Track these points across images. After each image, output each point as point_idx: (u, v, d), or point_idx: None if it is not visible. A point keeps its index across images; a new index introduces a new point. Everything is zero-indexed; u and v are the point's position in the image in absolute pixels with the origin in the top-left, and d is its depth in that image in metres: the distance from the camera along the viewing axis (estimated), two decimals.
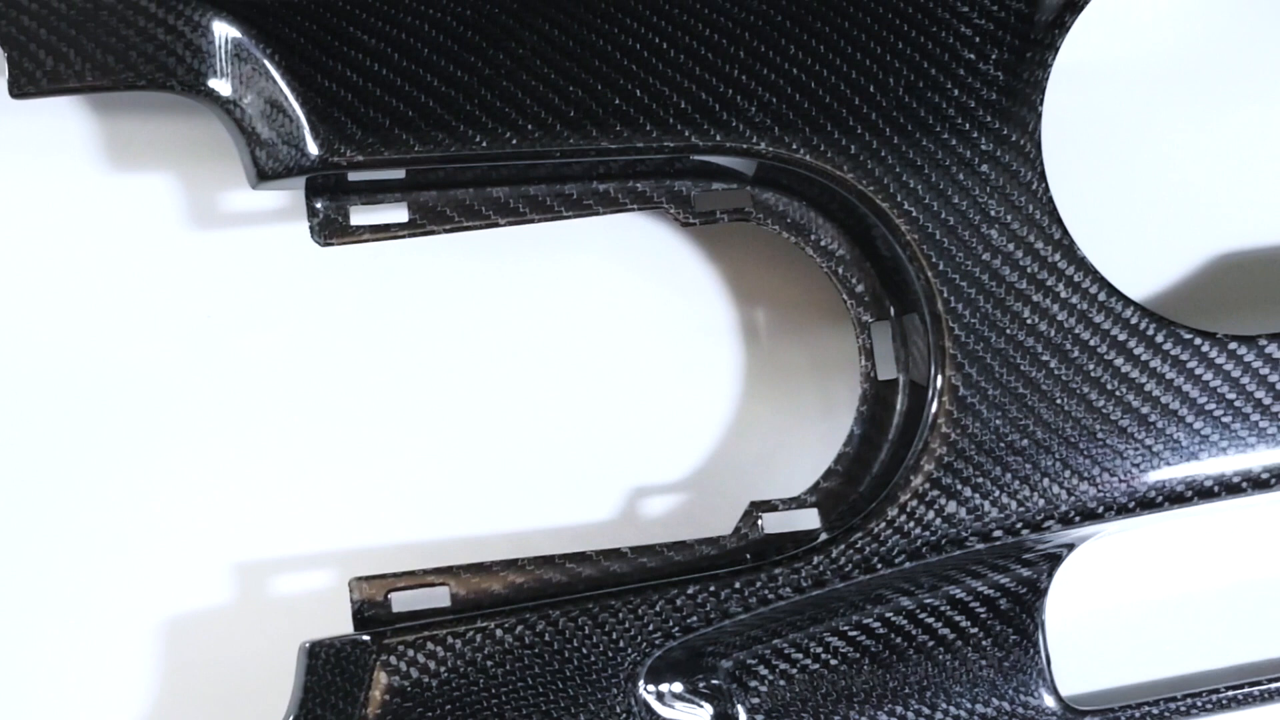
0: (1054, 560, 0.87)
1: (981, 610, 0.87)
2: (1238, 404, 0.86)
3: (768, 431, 0.91)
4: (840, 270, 0.88)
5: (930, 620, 0.87)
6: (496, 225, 0.87)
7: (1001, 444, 0.85)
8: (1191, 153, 0.94)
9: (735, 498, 0.88)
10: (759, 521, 0.86)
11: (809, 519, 0.87)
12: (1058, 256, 0.85)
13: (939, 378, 0.85)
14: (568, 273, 0.91)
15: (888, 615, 0.86)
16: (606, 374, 0.91)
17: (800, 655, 0.86)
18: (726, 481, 0.91)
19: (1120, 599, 0.93)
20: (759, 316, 0.91)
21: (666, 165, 0.87)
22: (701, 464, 0.91)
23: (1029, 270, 0.85)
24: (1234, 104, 0.94)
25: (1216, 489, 0.86)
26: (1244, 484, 0.86)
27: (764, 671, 0.86)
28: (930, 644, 0.87)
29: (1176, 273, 0.93)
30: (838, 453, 0.87)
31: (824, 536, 0.85)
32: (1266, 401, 0.86)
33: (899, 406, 0.87)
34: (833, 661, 0.86)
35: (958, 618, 0.87)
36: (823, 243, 0.88)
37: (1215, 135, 0.94)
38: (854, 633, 0.86)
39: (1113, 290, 0.86)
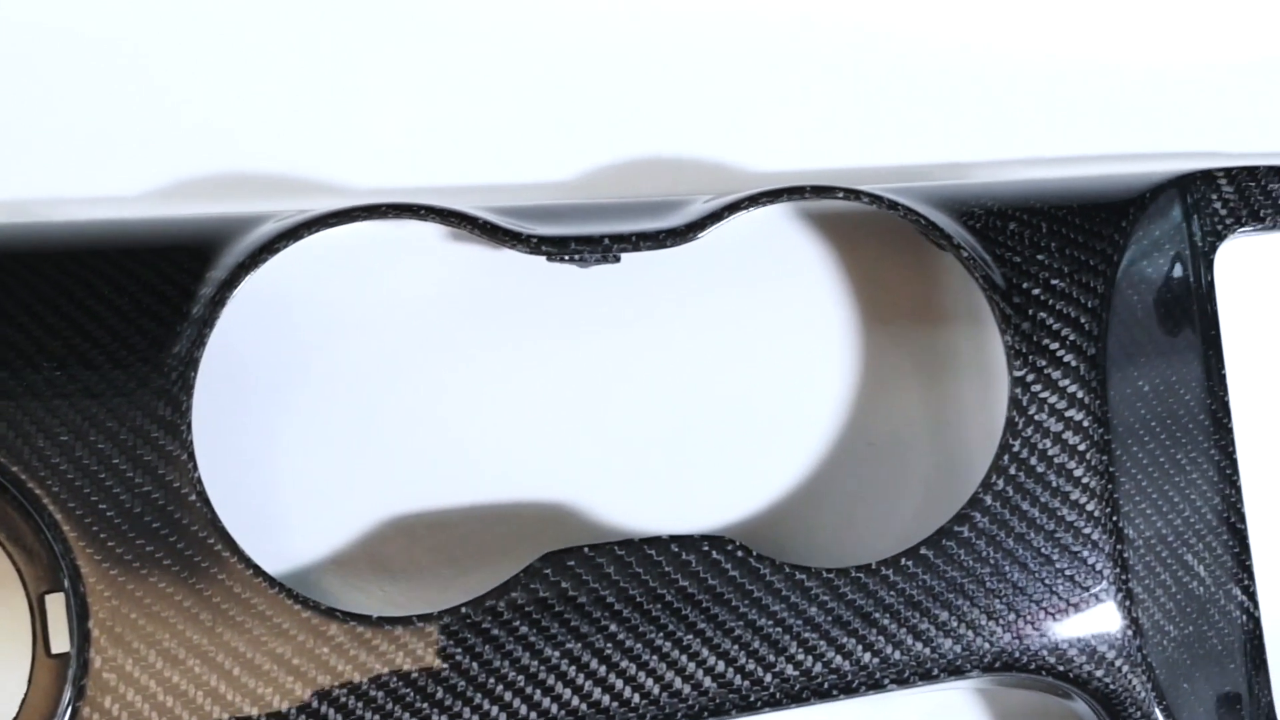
0: None
1: None
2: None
3: None
4: (13, 541, 0.86)
5: None
6: None
7: None
8: (369, 423, 0.93)
9: None
10: None
11: None
12: (206, 535, 0.85)
13: (84, 657, 0.84)
14: None
15: None
16: None
17: None
18: None
19: None
20: None
21: None
22: None
23: (178, 550, 0.84)
24: (410, 374, 0.93)
25: None
26: None
27: None
28: None
29: (348, 544, 0.93)
30: None
31: None
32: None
33: (70, 680, 0.86)
34: None
35: None
36: None
37: (402, 400, 0.93)
38: None
39: (260, 571, 0.85)
